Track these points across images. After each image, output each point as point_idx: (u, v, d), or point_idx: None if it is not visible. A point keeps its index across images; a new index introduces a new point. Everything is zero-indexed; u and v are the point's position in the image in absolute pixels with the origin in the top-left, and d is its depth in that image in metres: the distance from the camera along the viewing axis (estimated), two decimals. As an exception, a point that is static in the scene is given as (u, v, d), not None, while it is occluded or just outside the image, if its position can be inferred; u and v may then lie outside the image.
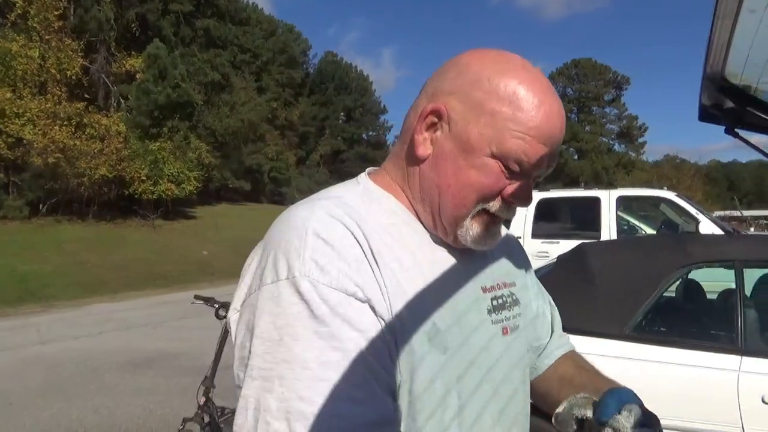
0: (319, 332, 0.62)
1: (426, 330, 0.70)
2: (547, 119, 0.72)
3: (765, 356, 2.42)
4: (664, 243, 3.24)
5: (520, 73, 0.73)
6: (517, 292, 0.89)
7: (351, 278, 0.65)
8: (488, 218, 0.77)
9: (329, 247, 0.66)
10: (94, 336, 7.73)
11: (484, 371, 0.77)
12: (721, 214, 24.04)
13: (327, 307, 0.63)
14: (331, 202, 0.73)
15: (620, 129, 55.21)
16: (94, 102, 22.54)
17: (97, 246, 16.54)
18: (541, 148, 0.72)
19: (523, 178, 0.75)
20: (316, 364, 0.61)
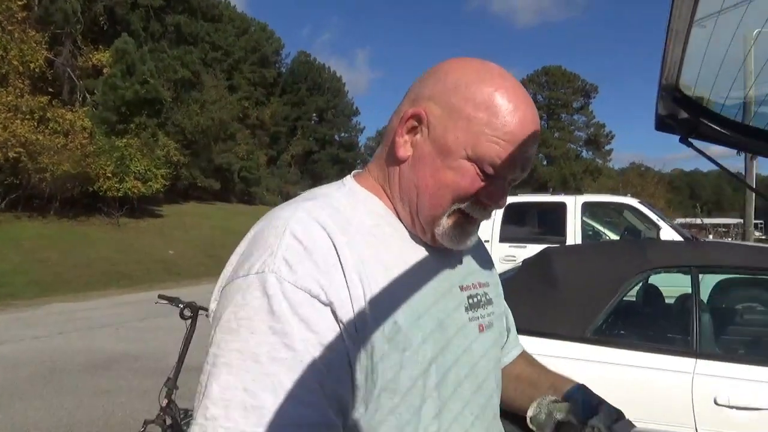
0: (275, 328, 0.64)
1: (389, 328, 0.71)
2: (521, 125, 0.75)
3: (718, 359, 2.51)
4: (624, 248, 3.33)
5: (496, 80, 0.77)
6: (490, 292, 0.93)
7: (317, 280, 0.67)
8: (463, 218, 0.80)
9: (302, 248, 0.68)
10: (54, 336, 7.52)
11: (467, 367, 0.81)
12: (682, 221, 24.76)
13: (288, 305, 0.65)
14: (318, 203, 0.76)
15: (588, 136, 56.36)
16: (58, 96, 21.93)
17: (58, 244, 16.09)
18: (514, 152, 0.75)
19: (498, 181, 0.78)
20: (266, 358, 0.63)
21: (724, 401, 2.28)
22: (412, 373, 0.73)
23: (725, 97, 1.17)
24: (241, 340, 0.64)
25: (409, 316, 0.74)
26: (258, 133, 39.75)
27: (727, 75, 1.10)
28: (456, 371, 0.79)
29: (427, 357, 0.75)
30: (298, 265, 0.67)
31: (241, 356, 0.63)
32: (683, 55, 1.01)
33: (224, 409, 0.61)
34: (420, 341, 0.74)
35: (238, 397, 0.61)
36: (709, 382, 2.35)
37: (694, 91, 1.15)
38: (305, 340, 0.64)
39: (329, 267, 0.68)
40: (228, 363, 0.63)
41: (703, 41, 0.97)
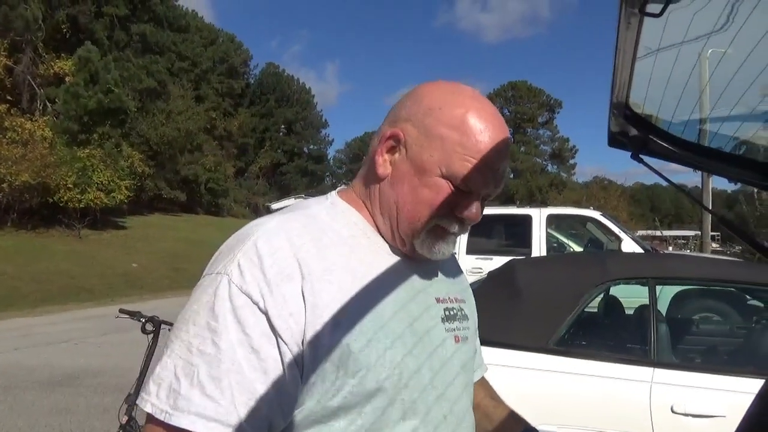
0: (210, 325, 0.71)
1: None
2: (492, 143, 0.80)
3: (675, 368, 2.58)
4: (585, 260, 3.40)
5: (468, 102, 0.82)
6: (466, 309, 0.97)
7: (260, 288, 0.72)
8: (441, 232, 0.84)
9: (257, 257, 0.73)
10: (10, 352, 7.24)
11: (435, 372, 0.83)
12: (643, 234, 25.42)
13: (230, 306, 0.71)
14: (295, 215, 0.82)
15: (553, 150, 57.49)
16: (17, 104, 21.34)
17: (15, 256, 15.54)
18: (486, 170, 0.80)
19: (472, 196, 0.83)
20: (195, 350, 0.70)
21: (681, 409, 2.35)
22: (380, 375, 0.75)
23: (672, 114, 1.22)
24: (186, 330, 0.73)
25: (375, 320, 0.76)
26: (225, 144, 39.34)
27: (673, 93, 1.15)
28: (426, 373, 0.81)
29: (396, 359, 0.77)
30: (247, 271, 0.72)
31: (180, 343, 0.72)
32: (631, 74, 1.05)
33: (156, 387, 0.71)
34: (389, 342, 0.77)
35: (168, 379, 0.70)
36: (666, 391, 2.41)
37: (643, 108, 1.20)
38: (235, 340, 0.70)
39: (280, 278, 0.73)
40: (172, 347, 0.73)
41: (650, 61, 1.02)
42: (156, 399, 0.70)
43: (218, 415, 0.68)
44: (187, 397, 0.68)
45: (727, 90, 1.16)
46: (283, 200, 12.18)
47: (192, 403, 0.68)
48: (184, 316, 0.74)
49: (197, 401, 0.68)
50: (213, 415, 0.68)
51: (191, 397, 0.68)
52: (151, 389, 0.71)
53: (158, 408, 0.69)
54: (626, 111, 1.23)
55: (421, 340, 0.81)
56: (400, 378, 0.77)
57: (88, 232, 20.50)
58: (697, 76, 1.11)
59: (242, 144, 42.79)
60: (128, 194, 21.98)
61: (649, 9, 0.76)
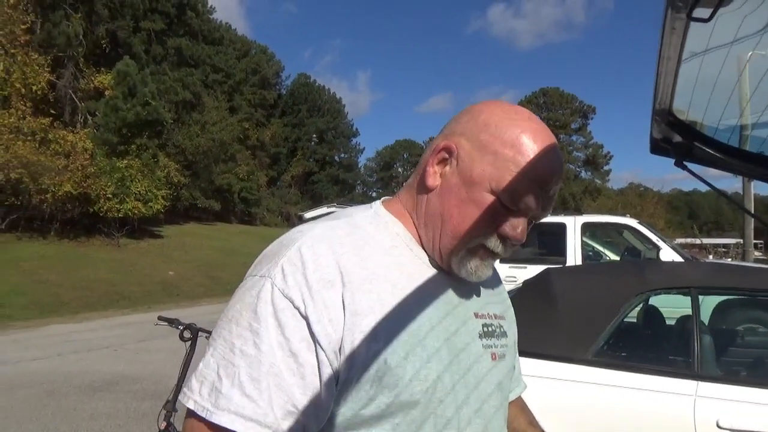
0: (252, 327, 0.73)
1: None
2: (545, 165, 0.80)
3: (720, 381, 2.49)
4: (624, 269, 3.33)
5: (524, 123, 0.82)
6: (505, 326, 0.96)
7: (302, 293, 0.73)
8: (483, 252, 0.83)
9: (300, 262, 0.74)
10: (52, 358, 7.46)
11: (471, 388, 0.82)
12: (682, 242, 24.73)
13: (272, 309, 0.73)
14: (339, 222, 0.83)
15: (586, 157, 56.59)
16: (60, 118, 22.09)
17: (57, 265, 16.05)
18: (536, 190, 0.80)
19: (519, 216, 0.81)
20: (237, 350, 0.72)
21: (727, 424, 2.27)
22: (417, 387, 0.75)
23: (718, 120, 1.19)
24: (228, 329, 0.74)
25: (414, 332, 0.77)
26: (258, 154, 39.94)
27: (719, 99, 1.12)
28: (462, 390, 0.81)
29: (431, 374, 0.77)
30: (290, 276, 0.74)
31: (224, 343, 0.74)
32: (675, 80, 1.02)
33: (199, 384, 0.73)
34: (426, 356, 0.77)
35: (210, 377, 0.72)
36: (711, 405, 2.33)
37: (687, 115, 1.17)
38: (275, 343, 0.72)
39: (322, 284, 0.74)
40: (215, 346, 0.75)
41: (695, 66, 0.99)
42: (198, 396, 0.72)
43: (256, 415, 0.70)
44: (228, 396, 0.70)
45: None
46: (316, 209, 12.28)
47: (232, 402, 0.70)
48: (228, 315, 0.76)
49: (237, 401, 0.70)
50: (251, 414, 0.70)
51: (231, 396, 0.70)
52: (194, 386, 0.73)
53: (200, 405, 0.71)
54: (670, 117, 1.21)
55: (457, 356, 0.81)
56: (435, 393, 0.77)
57: (126, 241, 21.05)
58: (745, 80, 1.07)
59: (274, 153, 43.39)
60: (165, 204, 22.47)
61: (697, 14, 0.74)
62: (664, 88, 1.04)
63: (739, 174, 1.28)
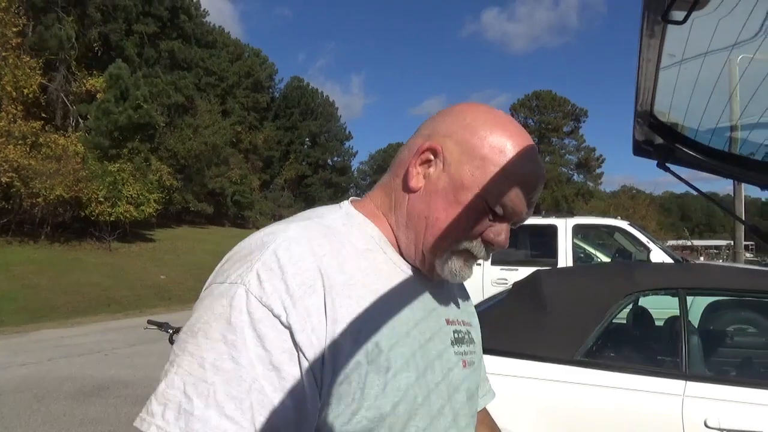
0: (227, 339, 0.65)
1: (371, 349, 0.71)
2: (531, 170, 0.81)
3: (708, 381, 2.51)
4: (613, 271, 3.34)
5: (509, 127, 0.82)
6: (473, 332, 0.95)
7: (282, 301, 0.66)
8: (466, 255, 0.82)
9: (278, 266, 0.68)
10: (42, 363, 7.41)
11: (446, 398, 0.81)
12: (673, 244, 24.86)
13: (248, 319, 0.65)
14: (313, 223, 0.78)
15: (579, 160, 56.87)
16: (51, 121, 22.01)
17: (48, 269, 15.94)
18: (522, 196, 0.80)
19: (504, 221, 0.81)
20: (209, 365, 0.64)
21: (715, 424, 2.28)
22: (393, 399, 0.72)
23: (699, 122, 1.20)
24: (196, 343, 0.66)
25: (390, 339, 0.74)
26: (251, 157, 39.87)
27: (699, 101, 1.13)
28: (437, 399, 0.79)
29: (409, 382, 0.74)
30: (267, 282, 0.67)
31: (191, 359, 0.65)
32: (656, 82, 1.04)
33: (162, 407, 0.64)
34: (402, 364, 0.74)
35: (176, 399, 0.63)
36: (699, 405, 2.35)
37: (668, 116, 1.18)
38: (254, 356, 0.64)
39: (303, 289, 0.68)
40: (179, 363, 0.66)
41: (675, 68, 1.00)
42: (162, 421, 0.63)
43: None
44: (203, 418, 0.62)
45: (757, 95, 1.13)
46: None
47: (209, 425, 0.61)
48: (192, 328, 0.68)
49: (214, 423, 0.62)
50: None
51: (208, 418, 0.62)
52: (155, 410, 0.64)
53: (165, 431, 0.62)
54: (651, 119, 1.22)
55: (431, 364, 0.79)
56: (414, 401, 0.74)
57: (118, 245, 20.93)
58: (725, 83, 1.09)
59: (267, 157, 43.31)
60: (157, 207, 22.41)
61: (673, 16, 0.75)
62: (645, 91, 1.05)
63: (724, 176, 1.29)
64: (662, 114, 1.20)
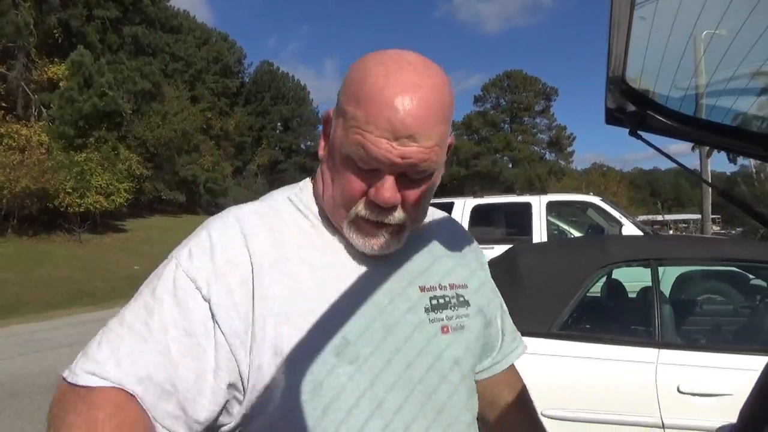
0: (148, 305, 0.70)
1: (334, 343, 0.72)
2: (388, 111, 0.68)
3: (680, 348, 2.58)
4: (586, 244, 3.39)
5: (375, 70, 0.71)
6: (467, 294, 0.88)
7: (206, 276, 0.70)
8: (363, 223, 0.75)
9: (208, 244, 0.72)
10: (14, 358, 7.24)
11: (426, 368, 0.77)
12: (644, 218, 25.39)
13: (172, 287, 0.70)
14: (259, 205, 0.81)
15: (550, 138, 57.41)
16: (12, 111, 21.30)
17: (17, 263, 15.54)
18: (380, 143, 0.68)
19: (380, 176, 0.72)
20: (126, 325, 0.69)
21: (688, 389, 2.34)
22: (359, 386, 0.72)
23: (669, 88, 1.20)
24: (126, 307, 0.72)
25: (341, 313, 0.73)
26: (223, 143, 39.31)
27: (669, 66, 1.13)
28: (416, 372, 0.76)
29: (377, 366, 0.73)
30: (196, 258, 0.71)
31: (120, 316, 0.71)
32: (627, 46, 1.03)
33: (81, 354, 0.69)
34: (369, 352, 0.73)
35: (91, 347, 0.68)
36: (672, 371, 2.41)
37: (639, 83, 1.18)
38: (168, 321, 0.68)
39: (228, 267, 0.71)
40: (109, 322, 0.71)
41: (645, 31, 1.00)
42: (83, 357, 0.67)
43: (118, 380, 0.64)
44: (101, 362, 0.65)
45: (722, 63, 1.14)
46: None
47: (103, 370, 0.64)
48: (134, 294, 0.74)
49: (107, 367, 0.64)
50: (112, 379, 0.64)
51: (104, 364, 0.65)
52: (86, 349, 0.69)
53: (70, 370, 0.66)
54: (623, 86, 1.22)
55: (390, 332, 0.75)
56: (363, 374, 0.72)
57: (88, 237, 20.50)
58: (692, 48, 1.09)
59: (239, 143, 42.79)
60: (127, 197, 21.98)
61: (643, -26, 0.74)
62: (617, 56, 1.04)
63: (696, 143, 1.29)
64: (634, 81, 1.19)
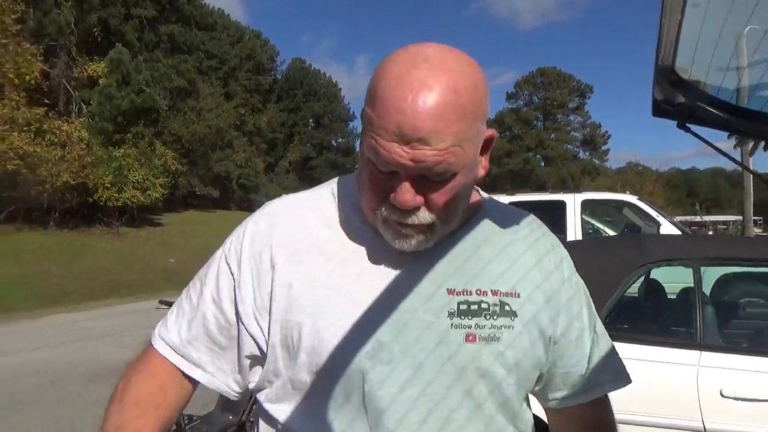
0: (200, 282, 0.86)
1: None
2: (396, 115, 0.66)
3: (722, 351, 2.50)
4: (625, 243, 3.31)
5: (391, 68, 0.69)
6: (515, 304, 0.79)
7: (238, 261, 0.82)
8: (392, 224, 0.74)
9: (242, 235, 0.84)
10: (55, 347, 7.49)
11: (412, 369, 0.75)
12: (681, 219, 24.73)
13: (216, 270, 0.84)
14: (300, 196, 0.89)
15: (584, 136, 56.36)
16: (54, 108, 21.93)
17: (58, 255, 16.05)
18: (391, 147, 0.67)
19: (397, 178, 0.71)
20: (186, 296, 0.87)
21: (730, 393, 2.27)
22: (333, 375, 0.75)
23: (722, 79, 1.16)
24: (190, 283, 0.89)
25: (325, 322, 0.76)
26: (255, 140, 39.80)
27: (722, 55, 1.08)
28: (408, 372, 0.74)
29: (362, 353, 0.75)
30: (232, 246, 0.85)
31: (185, 291, 0.88)
32: (678, 34, 0.99)
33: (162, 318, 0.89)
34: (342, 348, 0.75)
35: (168, 313, 0.89)
36: (714, 374, 2.34)
37: (689, 73, 1.13)
38: (209, 296, 0.83)
39: (250, 255, 0.82)
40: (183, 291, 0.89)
41: (698, 19, 0.96)
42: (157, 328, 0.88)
43: (180, 346, 0.83)
44: (168, 326, 0.85)
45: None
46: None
47: (168, 329, 0.85)
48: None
49: (170, 326, 0.85)
50: (177, 344, 0.83)
51: (170, 326, 0.85)
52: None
53: (153, 333, 0.87)
54: (672, 76, 1.17)
55: (400, 333, 0.74)
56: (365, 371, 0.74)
57: (126, 230, 21.04)
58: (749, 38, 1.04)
59: (272, 139, 43.25)
60: (163, 192, 22.46)
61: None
62: (667, 44, 1.00)
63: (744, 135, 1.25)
64: (683, 71, 1.15)
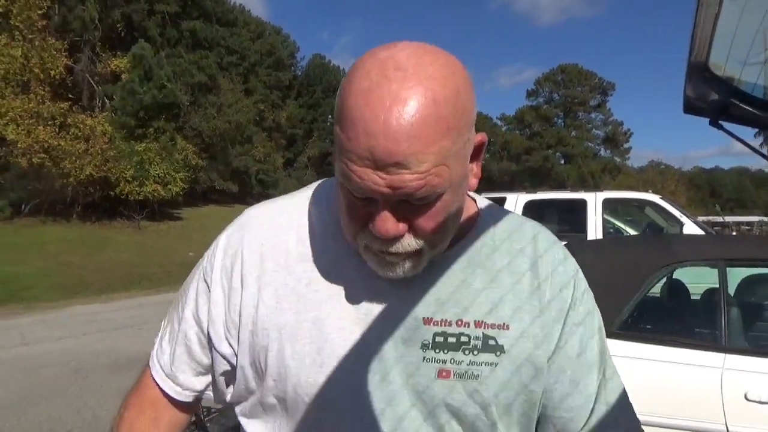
0: (180, 301, 0.85)
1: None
2: (367, 138, 0.57)
3: (747, 353, 2.45)
4: (648, 242, 3.27)
5: (359, 79, 0.59)
6: (502, 337, 0.70)
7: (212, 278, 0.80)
8: (375, 252, 0.66)
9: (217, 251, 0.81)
10: (78, 337, 7.62)
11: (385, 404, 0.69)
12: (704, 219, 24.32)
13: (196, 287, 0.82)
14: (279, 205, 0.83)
15: (606, 134, 55.68)
16: (78, 102, 22.31)
17: (80, 247, 16.33)
18: (365, 173, 0.58)
19: (375, 206, 0.62)
20: (168, 318, 0.88)
21: (755, 396, 2.23)
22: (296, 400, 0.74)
23: (757, 76, 1.13)
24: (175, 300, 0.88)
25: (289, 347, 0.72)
26: (274, 135, 39.99)
27: (758, 52, 1.06)
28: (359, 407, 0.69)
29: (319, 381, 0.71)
30: (207, 261, 0.81)
31: (172, 308, 0.89)
32: (714, 30, 0.97)
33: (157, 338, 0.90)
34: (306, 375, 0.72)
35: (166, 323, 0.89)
36: (738, 377, 2.30)
37: (724, 69, 1.11)
38: (190, 314, 0.82)
39: (223, 273, 0.79)
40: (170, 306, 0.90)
41: (735, 14, 0.94)
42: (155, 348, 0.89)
43: (169, 373, 0.84)
44: (164, 349, 0.86)
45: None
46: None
47: (159, 348, 0.87)
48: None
49: (163, 345, 0.86)
50: (167, 367, 0.84)
51: (159, 345, 0.87)
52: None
53: (152, 353, 0.89)
54: (706, 73, 1.15)
55: (370, 364, 0.68)
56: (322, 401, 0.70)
57: (147, 224, 21.32)
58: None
59: (291, 135, 43.41)
60: (183, 186, 22.72)
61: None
62: (702, 39, 0.98)
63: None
64: (718, 67, 1.12)
